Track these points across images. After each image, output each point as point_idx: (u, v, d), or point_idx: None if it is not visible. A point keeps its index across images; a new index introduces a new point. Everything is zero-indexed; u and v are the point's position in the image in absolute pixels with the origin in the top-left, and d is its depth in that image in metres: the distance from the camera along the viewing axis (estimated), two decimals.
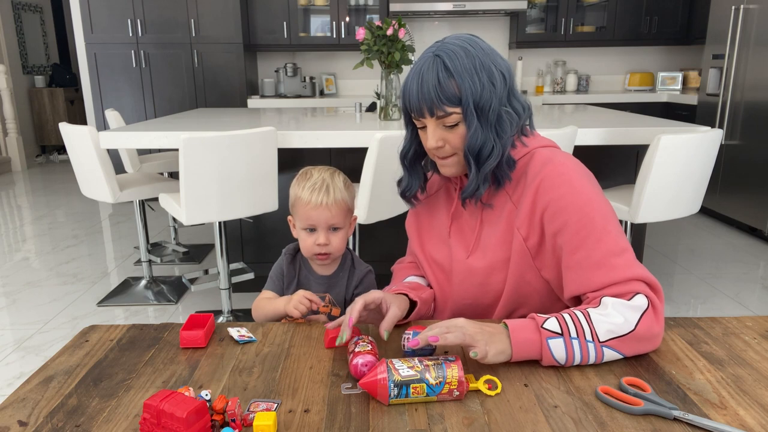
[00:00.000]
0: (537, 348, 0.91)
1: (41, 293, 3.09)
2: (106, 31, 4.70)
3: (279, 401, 0.83)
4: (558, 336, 0.91)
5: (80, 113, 7.92)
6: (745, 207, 3.88)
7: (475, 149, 1.02)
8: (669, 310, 2.80)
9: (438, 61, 1.00)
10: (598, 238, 0.98)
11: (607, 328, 0.91)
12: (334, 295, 1.31)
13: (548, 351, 0.90)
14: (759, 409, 0.80)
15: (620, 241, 0.99)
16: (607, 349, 0.91)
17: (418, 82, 1.01)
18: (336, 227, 1.25)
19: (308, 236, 1.26)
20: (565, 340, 0.91)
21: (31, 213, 4.82)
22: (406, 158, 1.15)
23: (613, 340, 0.91)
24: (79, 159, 2.66)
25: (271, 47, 4.99)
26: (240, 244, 3.01)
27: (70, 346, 1.01)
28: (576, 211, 1.00)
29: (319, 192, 1.22)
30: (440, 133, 1.03)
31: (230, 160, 2.19)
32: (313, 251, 1.26)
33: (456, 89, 0.99)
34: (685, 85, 5.19)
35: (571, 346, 0.91)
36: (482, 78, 1.00)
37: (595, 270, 0.97)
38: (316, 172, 1.26)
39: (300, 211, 1.25)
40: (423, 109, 1.01)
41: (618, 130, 2.45)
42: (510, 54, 5.34)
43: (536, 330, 0.92)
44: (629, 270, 0.96)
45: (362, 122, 2.81)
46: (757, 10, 3.69)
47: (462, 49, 1.00)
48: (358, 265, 1.36)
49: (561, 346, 0.91)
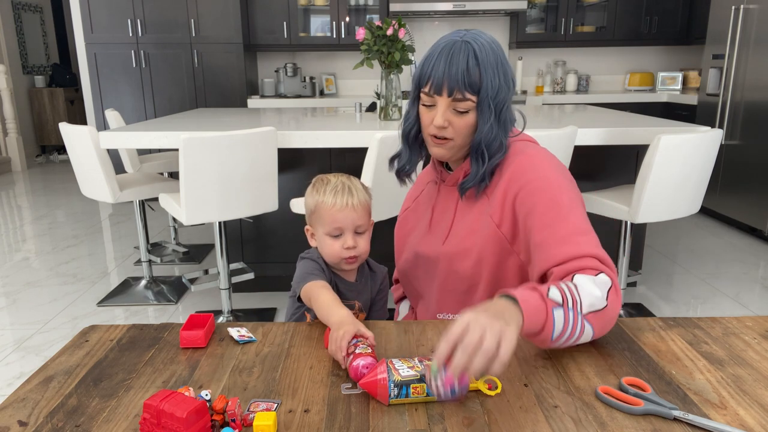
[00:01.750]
0: (542, 320, 0.86)
1: (41, 293, 3.09)
2: (106, 31, 4.70)
3: (279, 401, 0.83)
4: (560, 306, 0.88)
5: (80, 113, 7.92)
6: (745, 207, 3.88)
7: (488, 142, 1.07)
8: (669, 310, 2.80)
9: (469, 47, 1.04)
10: (564, 217, 1.02)
11: (590, 302, 0.91)
12: (363, 301, 1.29)
13: (552, 323, 0.87)
14: (759, 409, 0.80)
15: (585, 224, 1.03)
16: (587, 324, 0.91)
17: (447, 61, 1.04)
18: (361, 229, 1.22)
19: (334, 241, 1.20)
20: (564, 312, 0.88)
21: (31, 213, 4.82)
22: (409, 136, 1.18)
23: (591, 314, 0.91)
24: (79, 159, 2.66)
25: (271, 47, 4.99)
26: (240, 244, 3.01)
27: (70, 346, 1.01)
28: (544, 194, 1.04)
29: (342, 194, 1.19)
30: (448, 114, 1.07)
31: (230, 160, 2.19)
32: (342, 255, 1.21)
33: (479, 80, 1.04)
34: (685, 85, 5.19)
35: (568, 318, 0.88)
36: (500, 77, 1.05)
37: (560, 245, 1.00)
38: (333, 177, 1.24)
39: (324, 216, 1.20)
40: (443, 87, 1.05)
41: (618, 130, 2.45)
42: (510, 54, 5.34)
43: (542, 299, 0.88)
44: (591, 248, 0.99)
45: (362, 122, 2.81)
46: (757, 10, 3.69)
47: (489, 45, 1.05)
48: (376, 268, 1.34)
49: (561, 318, 0.88)
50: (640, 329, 1.04)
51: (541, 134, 2.13)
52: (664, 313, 2.77)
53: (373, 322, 1.08)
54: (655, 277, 3.23)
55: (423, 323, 1.08)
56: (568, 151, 2.32)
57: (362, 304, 1.29)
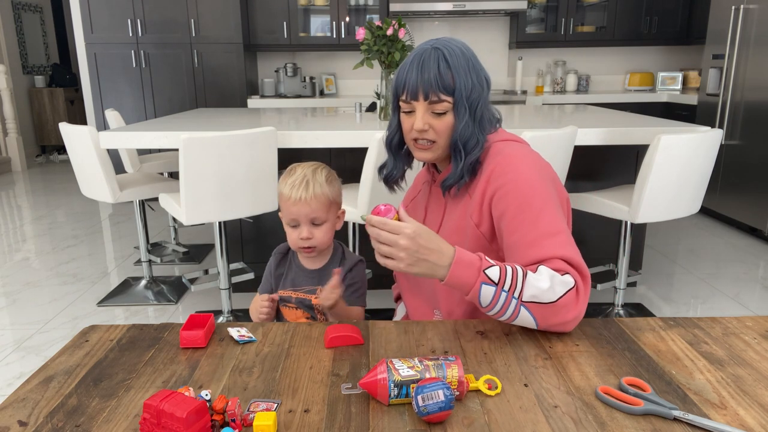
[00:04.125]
0: (469, 287, 0.98)
1: (41, 293, 3.09)
2: (106, 31, 4.70)
3: (279, 401, 0.83)
4: (493, 285, 0.97)
5: (80, 113, 7.92)
6: (745, 207, 3.88)
7: (464, 140, 1.11)
8: (669, 310, 2.81)
9: (439, 52, 1.09)
10: (533, 221, 1.05)
11: (532, 293, 0.97)
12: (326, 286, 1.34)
13: (477, 294, 0.97)
14: (759, 409, 0.80)
15: (555, 223, 1.05)
16: (524, 310, 0.97)
17: (418, 67, 1.09)
18: (318, 221, 1.30)
19: (292, 231, 1.32)
20: (496, 291, 0.97)
21: (31, 213, 4.82)
22: (392, 144, 1.23)
23: (532, 303, 0.97)
24: (79, 159, 2.66)
25: (271, 47, 4.99)
26: (240, 244, 3.01)
27: (70, 346, 1.01)
28: (516, 197, 1.07)
29: (298, 188, 1.28)
30: (428, 118, 1.12)
31: (230, 160, 2.19)
32: (298, 245, 1.32)
33: (452, 81, 1.09)
34: (685, 85, 5.20)
35: (498, 297, 0.97)
36: (473, 78, 1.11)
37: (527, 249, 1.04)
38: (300, 168, 1.32)
39: (283, 207, 1.31)
40: (419, 92, 1.09)
41: (618, 130, 2.45)
42: (510, 54, 5.34)
43: (477, 272, 0.97)
44: (558, 249, 1.02)
45: (362, 122, 2.81)
46: (757, 10, 3.69)
47: (459, 49, 1.11)
48: (349, 257, 1.40)
49: (490, 294, 0.97)
50: (640, 329, 1.04)
51: (541, 134, 2.13)
52: (664, 313, 2.77)
53: (373, 323, 1.08)
54: (655, 277, 3.23)
55: (423, 323, 1.08)
56: (568, 151, 2.32)
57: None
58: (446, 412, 0.75)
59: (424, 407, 0.75)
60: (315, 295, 1.34)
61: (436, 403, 0.75)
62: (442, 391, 0.75)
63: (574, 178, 2.92)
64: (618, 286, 2.64)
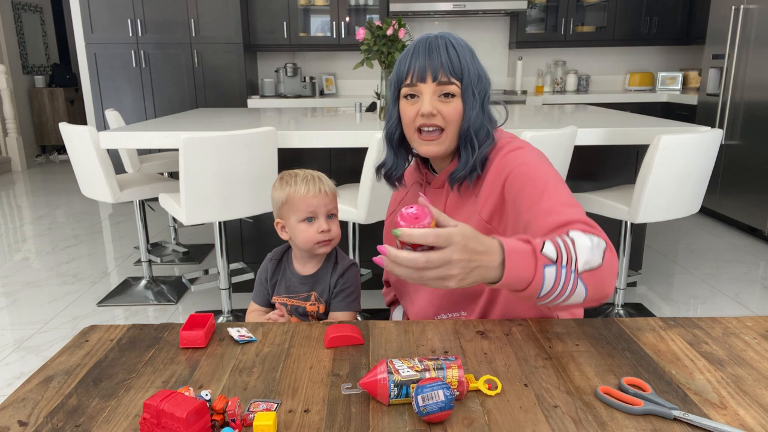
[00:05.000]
0: (528, 279, 0.83)
1: (41, 293, 3.09)
2: (106, 31, 4.70)
3: (279, 401, 0.83)
4: (553, 264, 0.84)
5: (80, 113, 7.92)
6: (745, 207, 3.88)
7: (476, 129, 1.08)
8: (669, 310, 2.80)
9: (446, 40, 1.08)
10: (551, 193, 1.00)
11: (585, 258, 0.86)
12: (319, 291, 1.35)
13: (540, 282, 0.83)
14: (759, 409, 0.80)
15: (571, 198, 1.00)
16: (580, 283, 0.86)
17: (425, 51, 1.06)
18: (332, 214, 1.31)
19: (309, 226, 1.29)
20: (557, 271, 0.84)
21: (31, 213, 4.82)
22: (393, 138, 1.18)
23: (586, 272, 0.87)
24: (79, 159, 2.66)
25: (271, 47, 4.99)
26: (240, 244, 3.01)
27: (70, 346, 1.01)
28: (530, 175, 1.04)
29: (313, 182, 1.29)
30: (435, 102, 1.07)
31: (230, 160, 2.19)
32: (317, 239, 1.29)
33: (460, 66, 1.06)
34: (685, 85, 5.19)
35: (560, 277, 0.84)
36: (478, 68, 1.09)
37: (546, 216, 0.97)
38: (300, 171, 1.33)
39: (298, 203, 1.29)
40: (427, 72, 1.06)
41: (618, 130, 2.45)
42: (510, 54, 5.34)
43: (534, 256, 0.84)
44: (579, 215, 0.96)
45: (362, 122, 2.81)
46: (757, 10, 3.69)
47: (464, 42, 1.10)
48: (341, 260, 1.39)
49: (552, 277, 0.84)
50: (640, 329, 1.04)
51: (541, 134, 2.13)
52: (664, 313, 2.77)
53: (374, 323, 1.08)
54: (655, 277, 3.23)
55: (423, 323, 1.08)
56: (568, 151, 2.32)
57: (319, 293, 1.34)
58: (446, 412, 0.75)
59: (424, 407, 0.75)
60: (309, 302, 1.34)
61: (436, 403, 0.75)
62: (442, 391, 0.75)
63: (574, 178, 2.92)
64: (618, 286, 2.64)
